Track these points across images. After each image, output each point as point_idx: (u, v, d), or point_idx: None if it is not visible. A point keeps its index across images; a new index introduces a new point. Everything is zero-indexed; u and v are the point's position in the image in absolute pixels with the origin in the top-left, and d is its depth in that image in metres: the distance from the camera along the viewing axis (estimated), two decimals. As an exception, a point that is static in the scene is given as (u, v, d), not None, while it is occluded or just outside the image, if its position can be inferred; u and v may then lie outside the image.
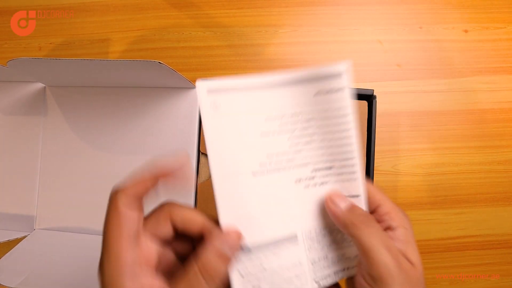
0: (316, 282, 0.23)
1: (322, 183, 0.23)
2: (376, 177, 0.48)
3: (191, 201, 0.39)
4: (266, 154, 0.22)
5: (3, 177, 0.42)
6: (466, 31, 0.51)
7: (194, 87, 0.40)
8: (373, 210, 0.23)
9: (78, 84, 0.42)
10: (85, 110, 0.41)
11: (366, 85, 0.48)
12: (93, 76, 0.38)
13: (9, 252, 0.36)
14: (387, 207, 0.22)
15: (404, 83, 0.49)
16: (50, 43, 0.52)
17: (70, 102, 0.42)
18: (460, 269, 0.48)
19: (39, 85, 0.43)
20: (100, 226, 0.39)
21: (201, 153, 0.40)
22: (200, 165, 0.40)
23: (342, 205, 0.22)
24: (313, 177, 0.23)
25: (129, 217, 0.20)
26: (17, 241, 0.38)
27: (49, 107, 0.42)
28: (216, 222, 0.21)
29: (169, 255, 0.22)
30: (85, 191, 0.41)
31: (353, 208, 0.22)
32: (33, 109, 0.42)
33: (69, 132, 0.41)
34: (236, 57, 0.51)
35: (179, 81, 0.38)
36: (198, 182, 0.40)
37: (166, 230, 0.21)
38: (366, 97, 0.39)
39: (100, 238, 0.40)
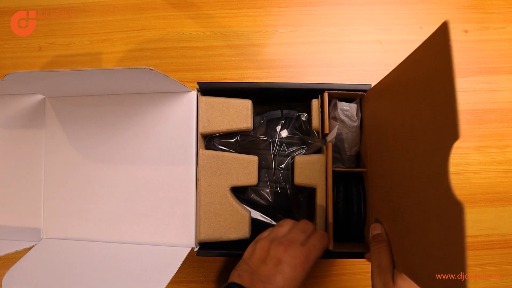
0: None
1: None
2: (376, 177, 0.48)
3: (192, 207, 0.39)
4: None
5: (8, 189, 0.42)
6: (466, 31, 0.51)
7: (189, 90, 0.39)
8: None
9: (77, 94, 0.42)
10: (85, 120, 0.41)
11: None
12: (90, 85, 0.38)
13: (17, 262, 0.36)
14: None
15: (404, 83, 0.49)
16: (50, 43, 0.52)
17: (70, 112, 0.42)
18: (460, 269, 0.48)
19: (39, 96, 0.43)
20: (103, 233, 0.40)
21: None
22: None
23: (374, 232, 0.32)
24: None
25: None
26: (25, 251, 0.38)
27: (49, 118, 0.42)
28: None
29: None
30: (89, 200, 0.41)
31: (375, 235, 0.32)
32: (34, 121, 0.42)
33: (70, 142, 0.41)
34: (236, 57, 0.51)
35: (174, 86, 0.38)
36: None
37: None
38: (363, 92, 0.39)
39: (101, 245, 0.40)
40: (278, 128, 0.43)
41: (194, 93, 0.40)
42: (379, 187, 0.33)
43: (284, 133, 0.43)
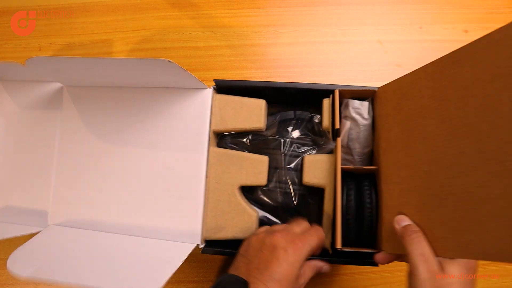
0: None
1: None
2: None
3: (200, 204, 0.39)
4: None
5: (20, 173, 0.43)
6: (466, 31, 0.51)
7: (205, 87, 0.40)
8: None
9: (94, 84, 0.42)
10: (101, 109, 0.42)
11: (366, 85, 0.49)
12: (107, 75, 0.38)
13: (22, 245, 0.36)
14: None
15: (404, 83, 0.49)
16: (50, 43, 0.52)
17: (87, 101, 0.42)
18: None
19: (57, 84, 0.43)
20: (110, 222, 0.40)
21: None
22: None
23: (402, 224, 0.30)
24: None
25: None
26: (31, 236, 0.38)
27: (66, 106, 0.43)
28: None
29: None
30: (99, 188, 0.41)
31: (406, 226, 0.29)
32: (51, 108, 0.43)
33: (85, 130, 0.42)
34: (236, 57, 0.51)
35: (191, 81, 0.38)
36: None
37: None
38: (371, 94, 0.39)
39: (106, 235, 0.40)
40: (290, 128, 0.43)
41: (209, 90, 0.40)
42: (405, 178, 0.32)
43: (296, 134, 0.43)
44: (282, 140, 0.42)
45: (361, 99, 0.39)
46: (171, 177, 0.39)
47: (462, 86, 0.27)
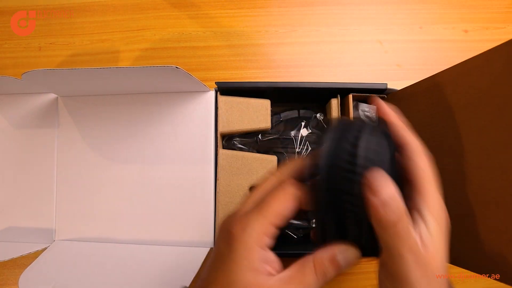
0: None
1: None
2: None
3: (211, 206, 0.39)
4: None
5: (20, 190, 0.42)
6: (466, 31, 0.51)
7: (208, 90, 0.39)
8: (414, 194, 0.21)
9: (91, 93, 0.41)
10: (99, 119, 0.41)
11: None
12: (107, 84, 0.38)
13: (32, 264, 0.35)
14: (430, 196, 0.21)
15: (404, 83, 0.49)
16: (50, 43, 0.52)
17: (84, 112, 0.41)
18: (460, 269, 0.48)
19: (51, 95, 0.42)
20: (118, 235, 0.40)
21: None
22: None
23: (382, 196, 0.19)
24: None
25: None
26: (38, 253, 0.38)
27: (62, 118, 0.42)
28: None
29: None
30: (103, 200, 0.40)
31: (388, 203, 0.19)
32: (46, 121, 0.42)
33: (84, 142, 0.41)
34: (236, 57, 0.51)
35: (194, 85, 0.37)
36: None
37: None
38: (380, 92, 0.40)
39: (117, 246, 0.39)
40: (299, 127, 0.43)
41: (212, 93, 0.40)
42: None
43: (304, 132, 0.43)
44: (294, 138, 0.43)
45: (365, 101, 0.40)
46: (179, 182, 0.39)
47: (445, 107, 0.29)
